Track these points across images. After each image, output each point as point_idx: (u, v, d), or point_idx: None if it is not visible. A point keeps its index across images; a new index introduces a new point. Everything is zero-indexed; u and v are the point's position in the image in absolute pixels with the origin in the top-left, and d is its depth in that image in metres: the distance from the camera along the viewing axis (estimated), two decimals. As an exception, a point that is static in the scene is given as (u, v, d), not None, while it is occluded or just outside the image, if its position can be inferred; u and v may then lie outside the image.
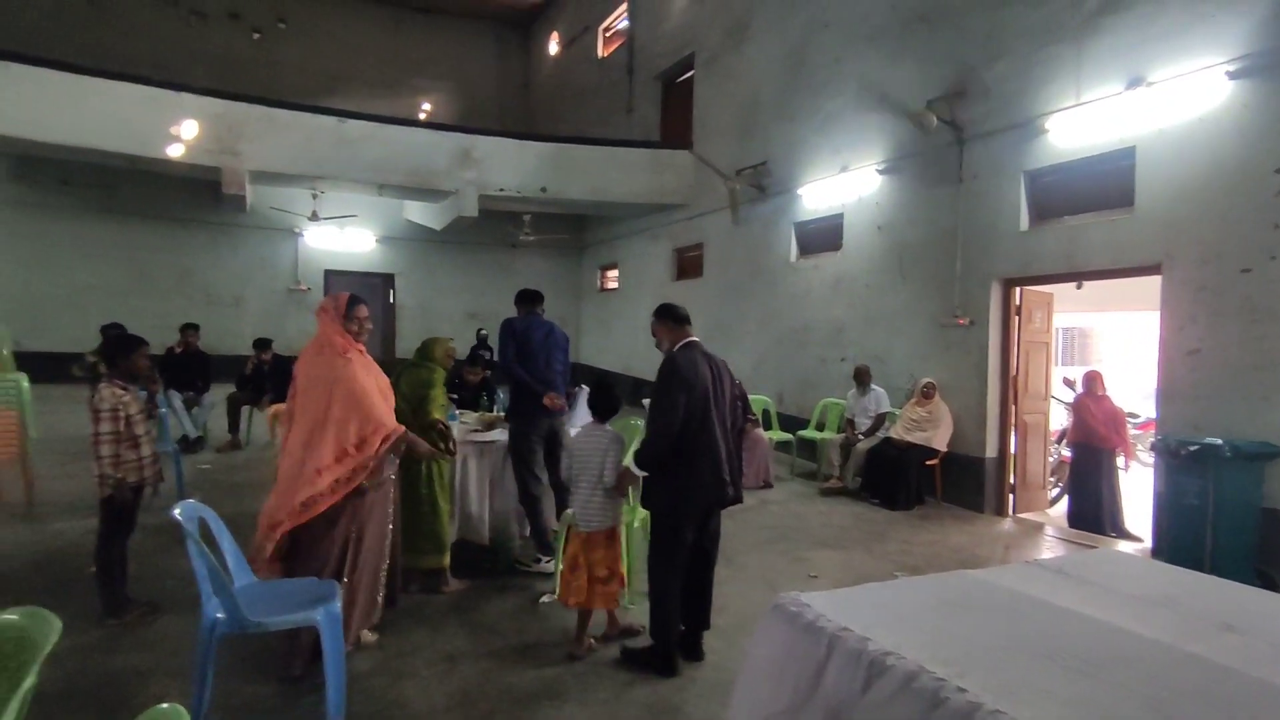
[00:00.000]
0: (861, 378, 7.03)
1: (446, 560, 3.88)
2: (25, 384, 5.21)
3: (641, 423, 5.46)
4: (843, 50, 7.99)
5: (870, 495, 6.52)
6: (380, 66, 16.10)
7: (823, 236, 8.47)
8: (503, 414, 4.92)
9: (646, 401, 7.46)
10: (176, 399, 7.32)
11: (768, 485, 6.87)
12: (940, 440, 6.30)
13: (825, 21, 8.27)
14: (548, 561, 4.20)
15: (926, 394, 6.43)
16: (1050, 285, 6.23)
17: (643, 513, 4.01)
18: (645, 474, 3.13)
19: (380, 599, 3.24)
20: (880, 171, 7.39)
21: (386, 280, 14.30)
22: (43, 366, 8.51)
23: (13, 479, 5.26)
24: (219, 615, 2.45)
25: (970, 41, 6.39)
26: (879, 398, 6.96)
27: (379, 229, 13.94)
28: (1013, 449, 6.25)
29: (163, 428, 5.80)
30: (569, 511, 4.08)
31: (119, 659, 3.08)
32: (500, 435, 4.45)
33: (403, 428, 3.17)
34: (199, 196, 11.96)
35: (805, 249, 8.86)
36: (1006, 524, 6.02)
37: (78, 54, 11.30)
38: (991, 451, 6.24)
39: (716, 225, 10.53)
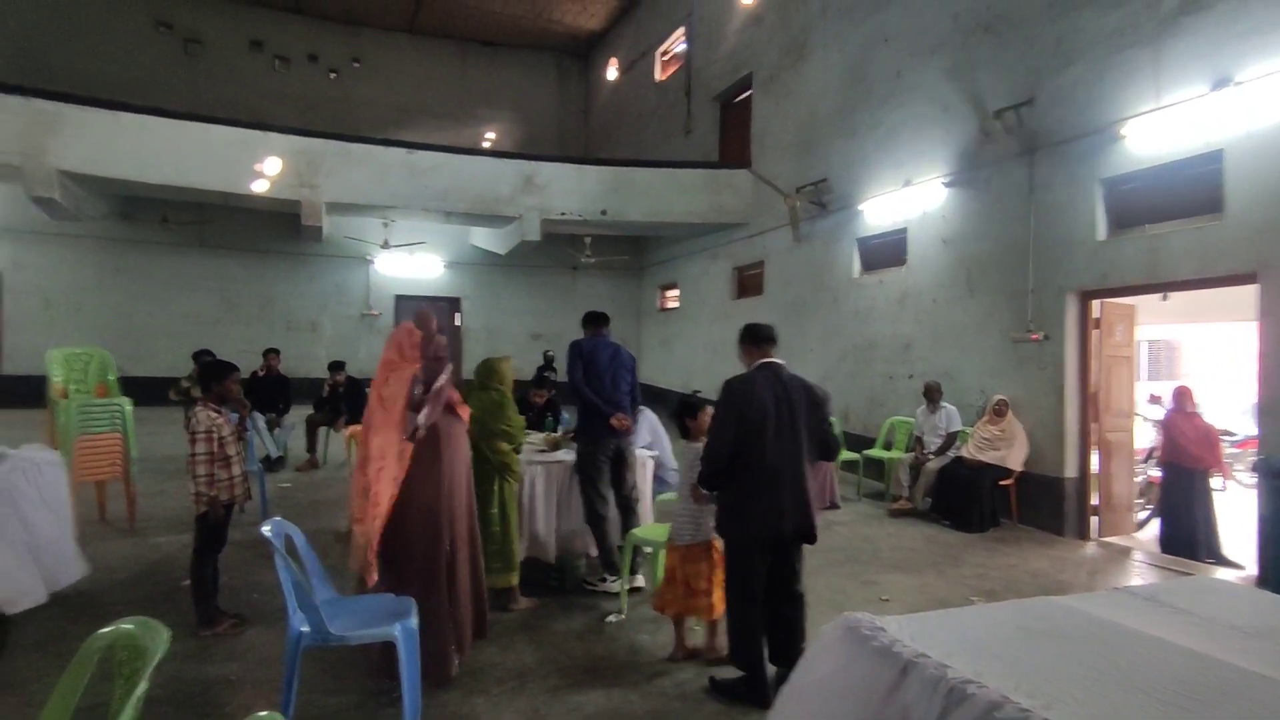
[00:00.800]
0: (931, 395, 6.84)
1: (516, 579, 3.95)
2: (129, 408, 5.59)
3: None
4: (904, 64, 7.89)
5: (941, 517, 6.31)
6: (446, 99, 16.73)
7: (886, 252, 8.32)
8: (567, 434, 5.01)
9: (709, 421, 7.44)
10: (259, 420, 7.70)
11: (834, 506, 6.73)
12: (1015, 460, 6.07)
13: (885, 36, 8.19)
14: (613, 581, 4.22)
15: (999, 412, 6.20)
16: (1132, 297, 5.95)
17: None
18: (708, 492, 3.16)
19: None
20: (945, 185, 7.23)
21: (453, 304, 14.75)
22: (142, 390, 9.11)
23: (116, 497, 5.64)
24: (304, 628, 2.56)
25: (1039, 49, 6.22)
26: (950, 415, 6.75)
27: (446, 255, 14.41)
28: (1094, 469, 5.96)
29: (248, 448, 6.11)
30: (634, 531, 4.13)
31: (211, 668, 3.24)
32: (566, 455, 4.52)
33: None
34: (280, 228, 12.65)
35: (869, 265, 8.72)
36: (1090, 548, 5.72)
37: (177, 101, 12.21)
38: (1071, 471, 5.96)
39: (777, 243, 10.48)
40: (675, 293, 14.37)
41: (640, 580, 4.35)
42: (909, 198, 7.70)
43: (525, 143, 16.82)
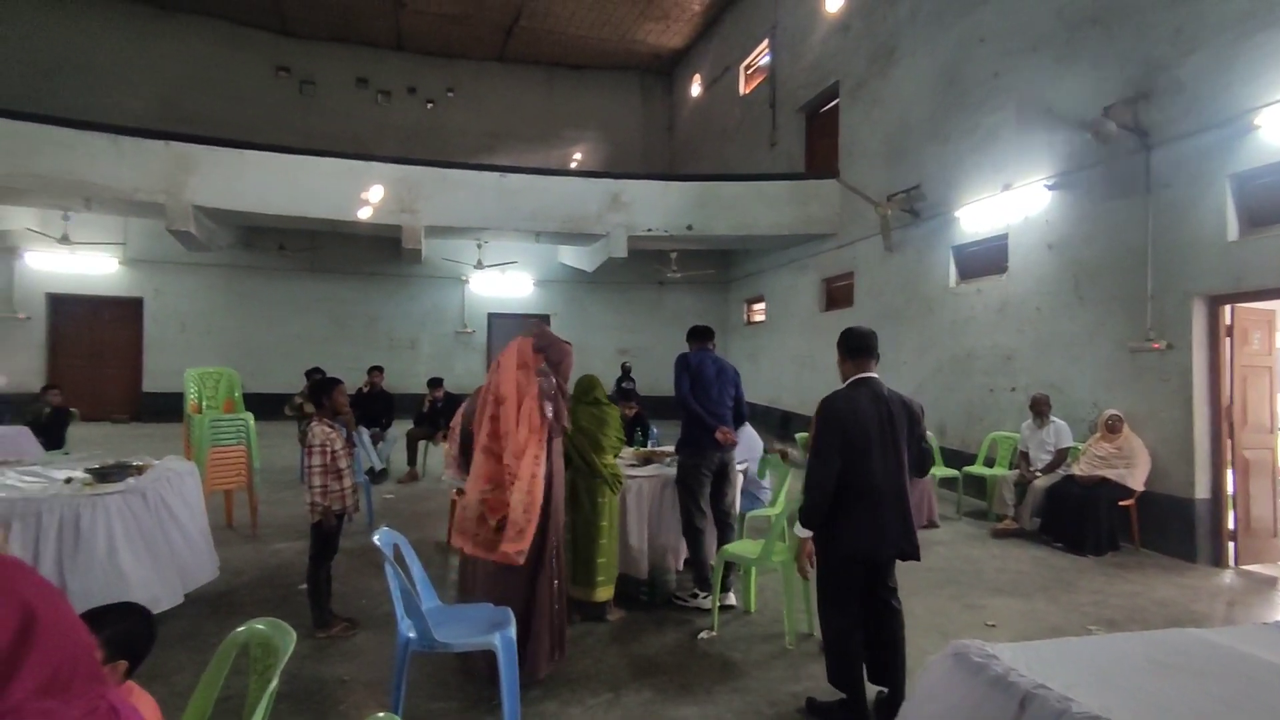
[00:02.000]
0: (1039, 408, 6.46)
1: (613, 591, 4.00)
2: (252, 422, 6.04)
3: (771, 458, 5.42)
4: (1001, 64, 7.56)
5: (1052, 538, 5.92)
6: (535, 123, 17.29)
7: (985, 259, 7.96)
8: (656, 448, 5.04)
9: (799, 435, 7.31)
10: (364, 434, 8.14)
11: (932, 525, 6.45)
12: (1136, 478, 5.63)
13: (980, 36, 7.88)
14: (705, 597, 4.19)
15: (1112, 427, 5.78)
16: (1271, 301, 5.43)
17: (784, 550, 3.95)
18: (809, 533, 2.97)
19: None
20: (1049, 187, 6.86)
21: (543, 321, 15.12)
22: (260, 406, 9.82)
23: (240, 505, 6.09)
24: (411, 635, 2.69)
25: (1154, 39, 5.82)
26: (1059, 431, 6.35)
27: (536, 273, 14.84)
28: (1230, 489, 5.45)
29: (355, 460, 6.46)
30: (727, 547, 4.10)
31: (325, 668, 3.43)
32: (657, 470, 4.55)
33: None
34: (383, 252, 13.40)
35: (965, 273, 8.36)
36: (1227, 577, 5.22)
37: (293, 138, 13.19)
38: (1203, 492, 5.47)
39: (867, 253, 10.21)
40: (761, 306, 14.22)
41: (732, 598, 4.31)
42: (1009, 202, 7.34)
43: (611, 161, 17.15)
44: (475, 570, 3.42)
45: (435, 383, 8.75)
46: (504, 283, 14.50)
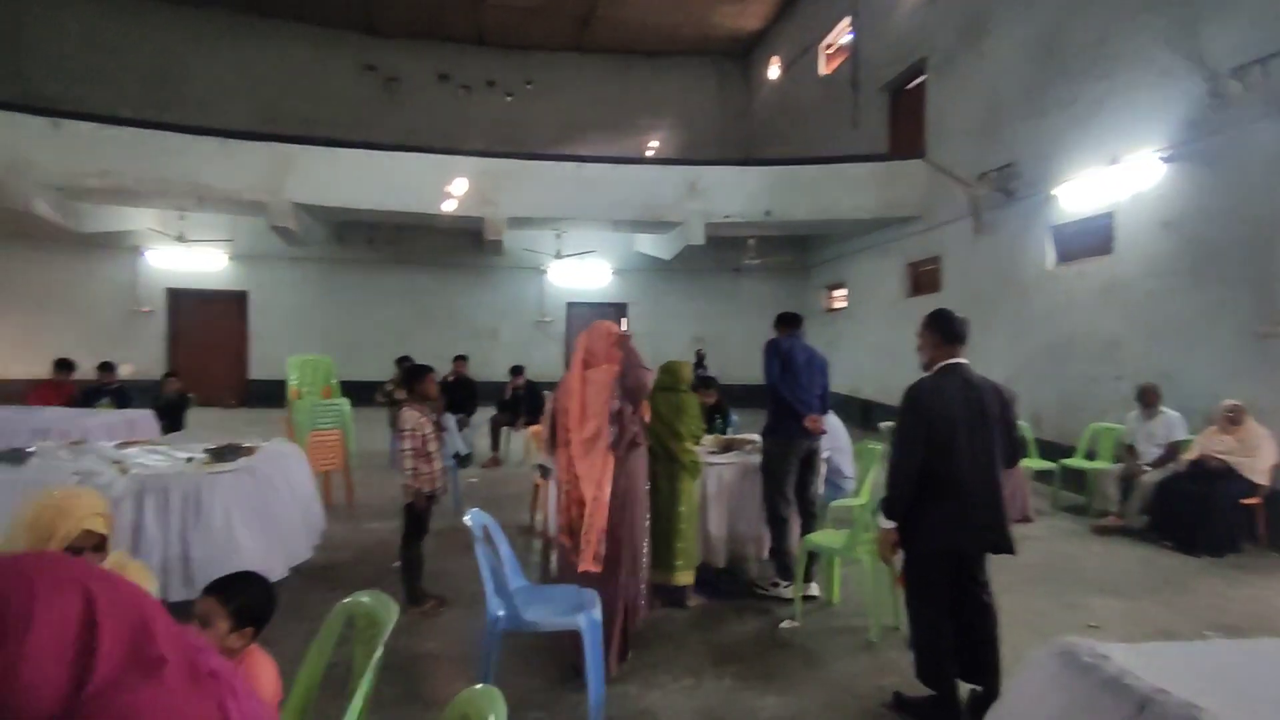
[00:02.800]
0: (1147, 398, 6.04)
1: (693, 576, 4.02)
2: (348, 408, 6.36)
3: (877, 446, 5.26)
4: (1108, 28, 7.05)
5: (1161, 537, 5.54)
6: (611, 112, 17.35)
7: (1087, 239, 7.48)
8: (735, 435, 5.00)
9: (884, 425, 7.10)
10: (450, 420, 8.41)
11: (1026, 519, 6.14)
12: (1262, 472, 5.19)
13: (1083, 1, 7.38)
14: (787, 586, 4.15)
15: (1232, 419, 5.34)
16: None
17: (869, 541, 3.85)
18: (892, 524, 2.88)
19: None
20: (1164, 159, 6.36)
21: (619, 309, 15.24)
22: (352, 393, 10.33)
23: (337, 486, 6.43)
24: (500, 613, 2.77)
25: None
26: (1170, 423, 5.92)
27: (613, 262, 14.94)
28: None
29: (443, 445, 6.70)
30: (810, 536, 4.04)
31: (418, 642, 3.58)
32: (737, 458, 4.52)
33: None
34: (465, 243, 13.79)
35: (1065, 254, 7.88)
36: (1368, 584, 4.76)
37: (380, 134, 13.71)
38: (1340, 491, 5.00)
39: (955, 235, 9.78)
40: (842, 292, 13.86)
41: (815, 588, 4.24)
42: (1116, 177, 6.86)
43: (687, 148, 17.03)
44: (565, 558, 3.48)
45: (517, 371, 8.96)
46: (582, 272, 14.68)
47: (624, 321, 15.30)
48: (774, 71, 16.36)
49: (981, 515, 2.80)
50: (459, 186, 10.76)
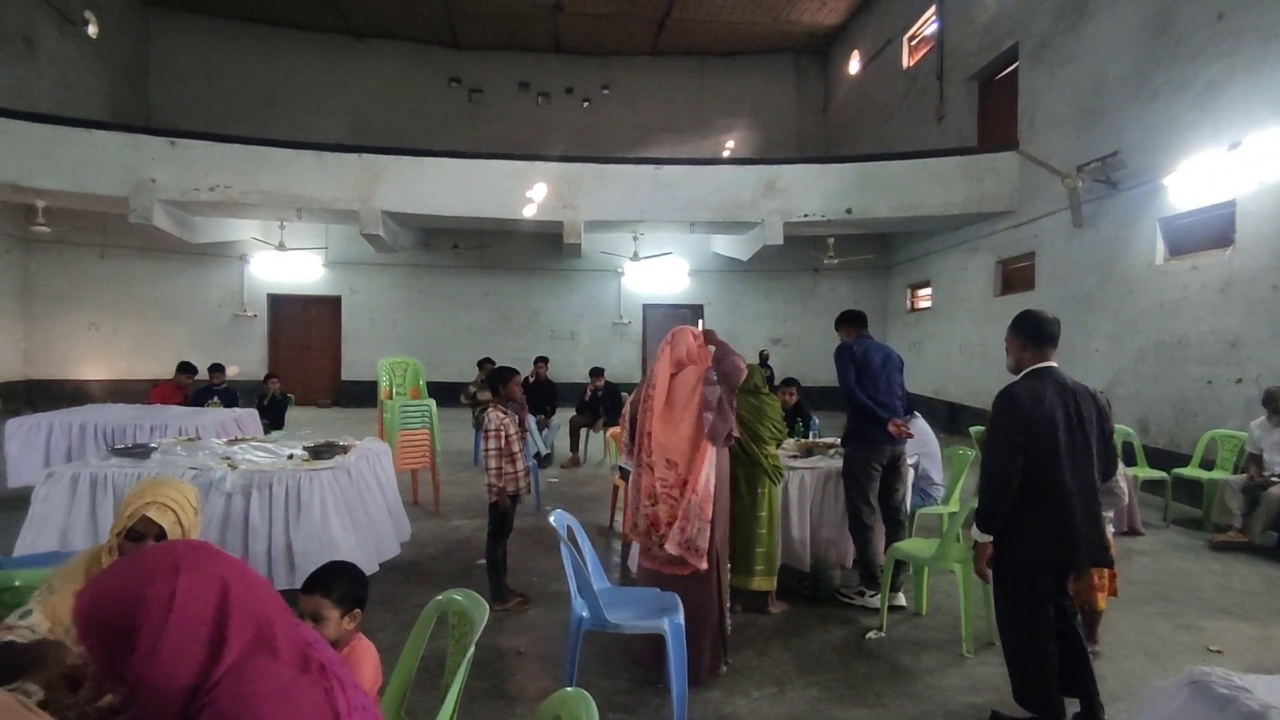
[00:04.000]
0: (1275, 403, 5.55)
1: (775, 582, 3.95)
2: (435, 408, 6.59)
3: (968, 452, 5.04)
4: (1226, 3, 6.52)
5: (1293, 556, 5.08)
6: (687, 113, 17.33)
7: (1203, 231, 6.94)
8: (818, 439, 4.90)
9: (973, 429, 6.79)
10: (531, 421, 8.60)
11: (1135, 532, 5.75)
12: None
13: (1199, -26, 6.86)
14: (872, 595, 4.02)
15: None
16: None
17: (960, 550, 3.69)
18: (989, 538, 2.72)
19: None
20: (1293, 143, 5.84)
21: (696, 311, 15.20)
22: (437, 393, 10.72)
23: (424, 484, 6.67)
24: (584, 614, 2.80)
25: None
26: (1303, 431, 5.42)
27: (690, 263, 14.92)
28: None
29: (525, 445, 6.85)
30: (898, 545, 3.90)
31: (503, 639, 3.66)
32: (820, 461, 4.42)
33: None
34: (544, 247, 14.07)
35: (1177, 248, 7.34)
36: None
37: (464, 144, 14.21)
38: None
39: (1051, 230, 9.27)
40: (927, 291, 13.36)
41: (902, 599, 4.10)
42: (1237, 164, 6.34)
43: (764, 147, 16.83)
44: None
45: (596, 372, 9.07)
46: (658, 274, 14.72)
47: (700, 323, 15.25)
48: (854, 66, 15.95)
49: (1083, 527, 2.64)
50: (538, 192, 10.99)
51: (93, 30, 13.70)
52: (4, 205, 11.51)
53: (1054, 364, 2.79)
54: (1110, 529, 3.55)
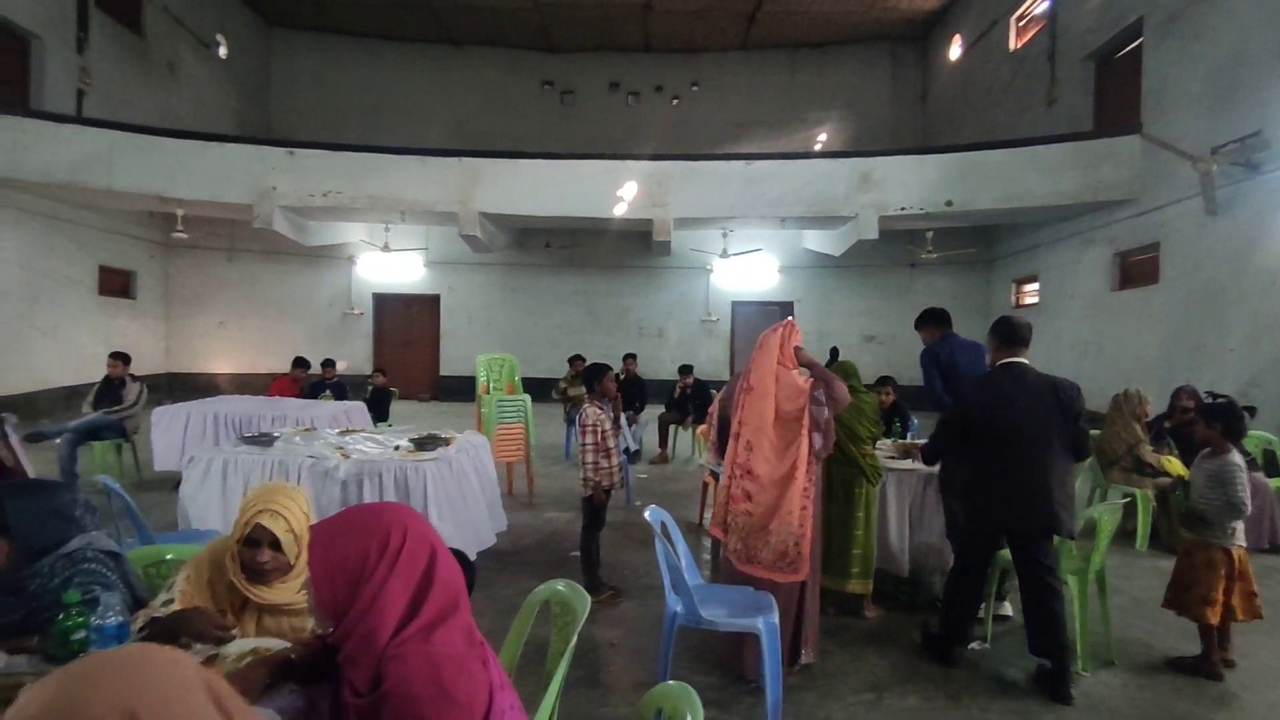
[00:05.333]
0: None
1: (871, 586, 3.86)
2: (529, 403, 6.79)
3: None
4: (1395, -38, 5.83)
5: None
6: (777, 107, 17.05)
7: (1364, 218, 6.24)
8: (916, 440, 4.73)
9: (1089, 433, 6.39)
10: (621, 417, 8.71)
11: (1277, 549, 5.24)
12: None
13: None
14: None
15: None
16: None
17: (1075, 559, 3.50)
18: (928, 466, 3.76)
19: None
20: None
21: (785, 308, 14.95)
22: (529, 389, 11.03)
23: (519, 477, 6.88)
24: (678, 609, 2.83)
25: None
26: None
27: (780, 259, 14.69)
28: None
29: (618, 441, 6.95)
30: (1002, 552, 3.72)
31: (596, 631, 3.73)
32: (919, 464, 4.26)
33: None
34: (633, 245, 14.20)
35: (1331, 238, 6.63)
36: None
37: (556, 145, 14.53)
38: None
39: (1179, 219, 8.56)
40: (1034, 287, 12.61)
41: (1007, 608, 3.91)
42: (1405, 142, 5.66)
43: (858, 139, 16.35)
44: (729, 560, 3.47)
45: (685, 370, 9.11)
46: (747, 271, 14.57)
47: (791, 318, 14.96)
48: (955, 51, 15.25)
49: (1022, 498, 3.10)
50: (629, 190, 11.11)
51: (223, 52, 14.90)
52: (150, 215, 12.70)
53: (1022, 360, 3.30)
54: (1241, 542, 3.31)
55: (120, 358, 7.02)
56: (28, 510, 1.81)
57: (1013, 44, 12.93)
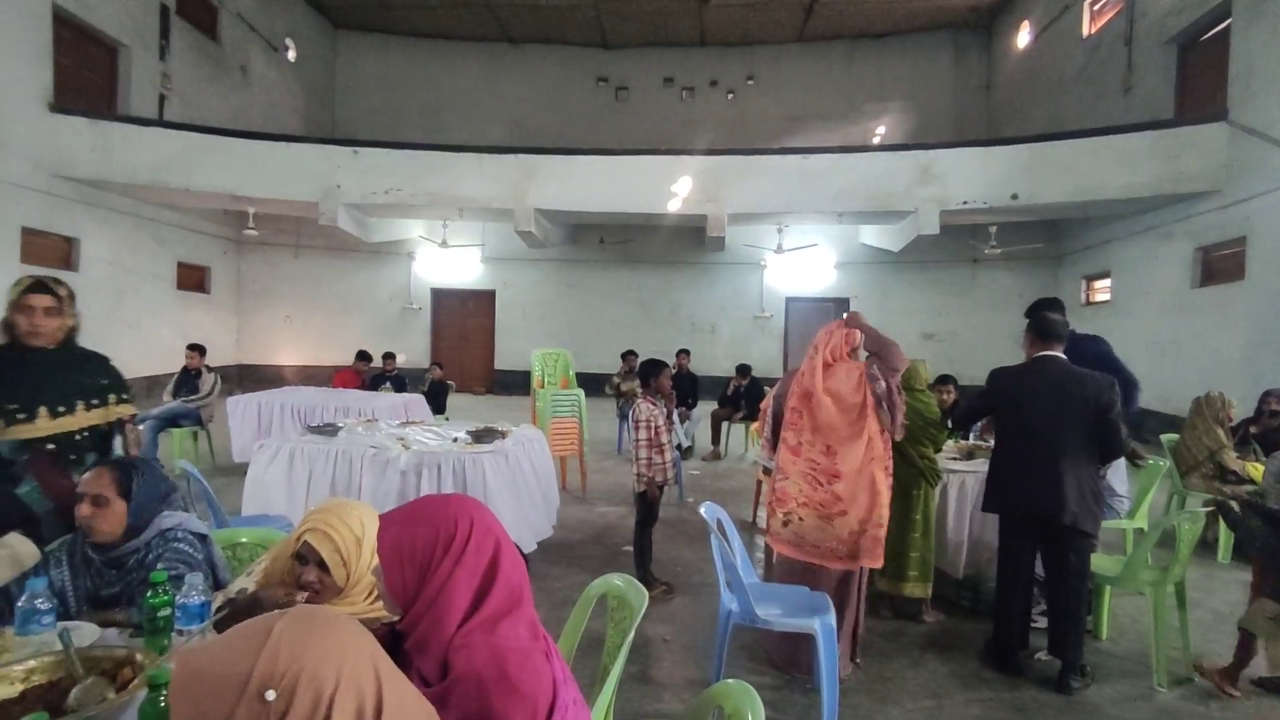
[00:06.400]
0: None
1: (929, 589, 3.76)
2: (583, 398, 6.84)
3: (1160, 463, 4.53)
4: None
5: None
6: (835, 100, 16.71)
7: None
8: (979, 442, 4.58)
9: (1164, 437, 6.09)
10: (673, 413, 8.70)
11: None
12: None
13: None
14: (1040, 612, 3.71)
15: None
16: None
17: (1153, 570, 3.34)
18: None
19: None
20: None
21: (841, 304, 14.67)
22: (583, 384, 11.12)
23: (572, 471, 6.94)
24: (733, 607, 2.81)
25: None
26: None
27: (836, 255, 14.43)
28: None
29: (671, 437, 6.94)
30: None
31: (649, 627, 3.72)
32: (983, 465, 4.13)
33: None
34: (686, 241, 14.15)
35: None
36: None
37: (610, 141, 14.57)
38: None
39: (1268, 211, 8.06)
40: (1105, 283, 12.05)
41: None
42: None
43: (918, 132, 15.88)
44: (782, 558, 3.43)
45: (743, 370, 9.05)
46: (802, 266, 14.35)
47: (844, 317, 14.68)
48: (1023, 39, 14.67)
49: (1039, 487, 3.15)
50: (684, 186, 11.07)
51: (291, 55, 15.45)
52: (224, 213, 13.29)
53: (1056, 354, 3.31)
54: None
55: (197, 349, 7.37)
56: (147, 485, 1.95)
57: (1086, 29, 12.36)
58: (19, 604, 1.63)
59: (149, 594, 1.61)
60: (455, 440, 4.80)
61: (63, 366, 2.53)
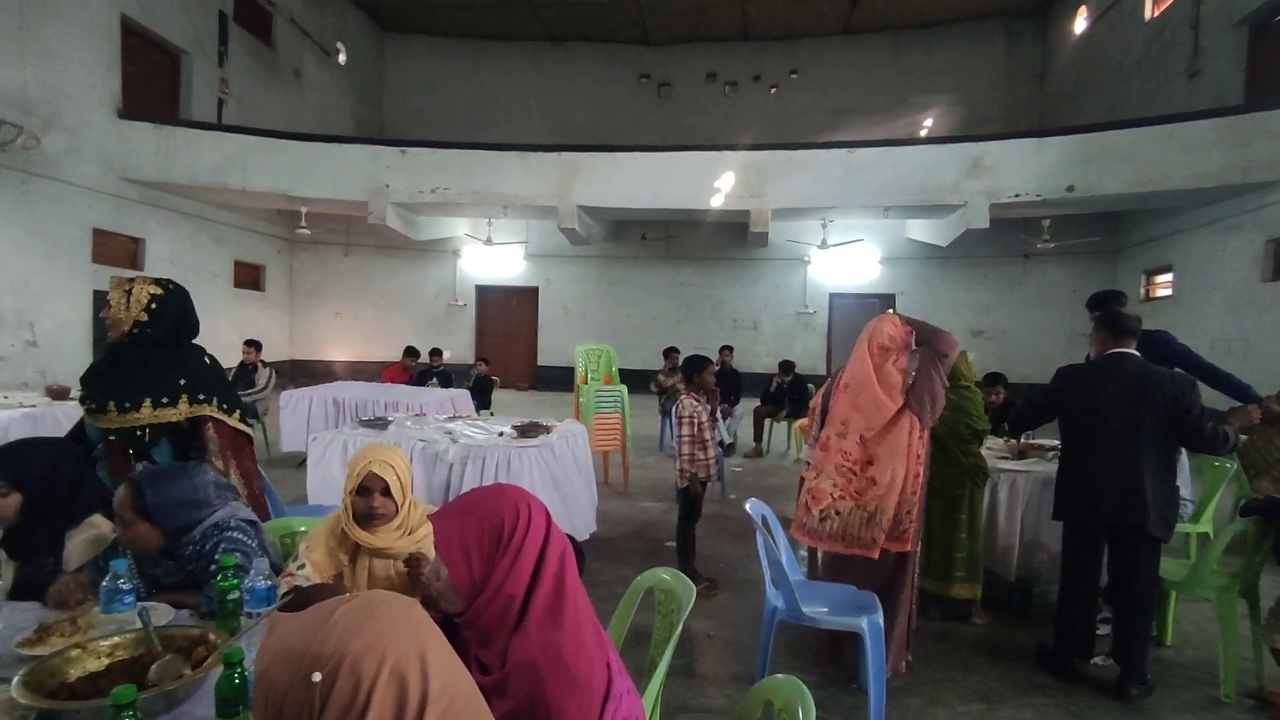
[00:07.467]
0: None
1: (979, 591, 3.69)
2: (626, 393, 6.88)
3: (1226, 465, 4.36)
4: None
5: None
6: (880, 92, 16.40)
7: None
8: (1032, 441, 4.47)
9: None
10: (716, 409, 8.68)
11: None
12: None
13: None
14: (1101, 618, 3.60)
15: None
16: None
17: (1219, 575, 3.21)
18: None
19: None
20: None
21: (886, 301, 14.41)
22: (625, 380, 11.16)
23: (614, 466, 6.99)
24: (779, 604, 2.80)
25: None
26: None
27: (881, 250, 14.19)
28: None
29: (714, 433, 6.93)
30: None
31: (692, 622, 3.72)
32: (1035, 466, 4.03)
33: None
34: (729, 237, 14.07)
35: None
36: None
37: (653, 137, 14.57)
38: None
39: (1348, 202, 7.64)
40: (1167, 278, 11.59)
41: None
42: None
43: (968, 123, 15.48)
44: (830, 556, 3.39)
45: (787, 367, 8.98)
46: (846, 262, 14.14)
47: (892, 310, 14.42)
48: (1080, 24, 14.18)
49: (1108, 492, 3.03)
50: (726, 181, 11.02)
51: (342, 58, 15.85)
52: (278, 213, 13.71)
53: (1130, 350, 3.16)
54: None
55: (254, 345, 7.63)
56: (163, 497, 1.93)
57: (1149, 13, 11.89)
58: (103, 584, 1.73)
59: (219, 577, 1.69)
60: (501, 435, 4.88)
61: (141, 364, 2.63)
